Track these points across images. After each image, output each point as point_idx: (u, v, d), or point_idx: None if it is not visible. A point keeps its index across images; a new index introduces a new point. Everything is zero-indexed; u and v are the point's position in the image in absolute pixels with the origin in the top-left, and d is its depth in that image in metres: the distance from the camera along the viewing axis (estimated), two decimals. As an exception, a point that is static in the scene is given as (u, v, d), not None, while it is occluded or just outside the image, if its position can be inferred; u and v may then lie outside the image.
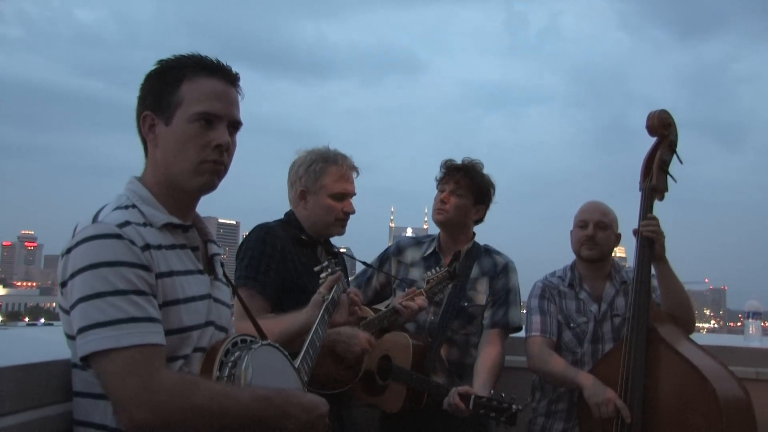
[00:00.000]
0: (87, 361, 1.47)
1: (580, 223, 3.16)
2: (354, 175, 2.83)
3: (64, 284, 1.52)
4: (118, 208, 1.60)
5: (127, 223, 1.55)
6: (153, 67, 1.69)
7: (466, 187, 3.16)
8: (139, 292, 1.49)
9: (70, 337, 1.55)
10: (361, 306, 2.31)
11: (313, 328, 2.14)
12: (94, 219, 1.56)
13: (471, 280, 3.18)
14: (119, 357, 1.43)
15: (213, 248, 1.79)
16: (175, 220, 1.65)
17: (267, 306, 2.58)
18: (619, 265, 3.27)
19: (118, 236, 1.50)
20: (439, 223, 3.24)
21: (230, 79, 1.70)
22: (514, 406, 2.61)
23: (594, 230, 3.10)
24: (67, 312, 1.53)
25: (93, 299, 1.45)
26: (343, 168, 2.78)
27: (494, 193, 3.27)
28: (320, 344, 2.15)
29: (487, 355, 3.03)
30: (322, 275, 2.40)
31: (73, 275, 1.49)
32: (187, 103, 1.62)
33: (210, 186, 1.68)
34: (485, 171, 3.25)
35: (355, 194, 2.83)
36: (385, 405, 3.02)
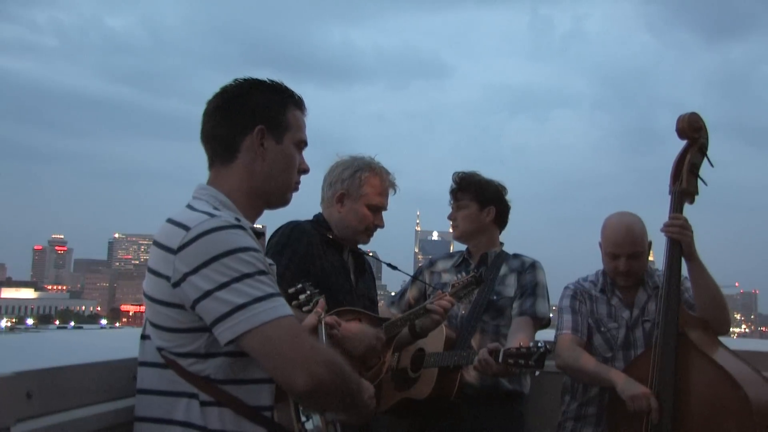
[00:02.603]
0: (241, 338, 1.52)
1: (611, 255, 3.08)
2: (391, 192, 2.93)
3: (191, 273, 1.54)
4: (215, 208, 1.68)
5: (238, 221, 1.65)
6: (251, 83, 1.82)
7: (465, 197, 3.32)
8: (267, 274, 1.60)
9: (170, 330, 1.61)
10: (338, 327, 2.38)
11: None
12: (207, 216, 1.60)
13: (500, 276, 3.26)
14: (285, 324, 1.55)
15: (267, 258, 1.85)
16: (255, 227, 1.77)
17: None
18: (651, 269, 3.20)
19: (242, 228, 1.61)
20: (457, 239, 3.42)
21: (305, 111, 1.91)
22: (540, 344, 2.63)
23: (627, 264, 3.04)
24: (174, 305, 1.58)
25: (244, 279, 1.54)
26: (386, 183, 2.89)
27: (504, 191, 3.40)
28: None
29: (515, 337, 3.03)
30: (301, 296, 2.39)
31: (206, 263, 1.53)
32: (294, 128, 1.83)
33: (287, 203, 1.89)
34: (487, 176, 3.38)
35: (386, 210, 2.92)
36: (416, 393, 3.03)
